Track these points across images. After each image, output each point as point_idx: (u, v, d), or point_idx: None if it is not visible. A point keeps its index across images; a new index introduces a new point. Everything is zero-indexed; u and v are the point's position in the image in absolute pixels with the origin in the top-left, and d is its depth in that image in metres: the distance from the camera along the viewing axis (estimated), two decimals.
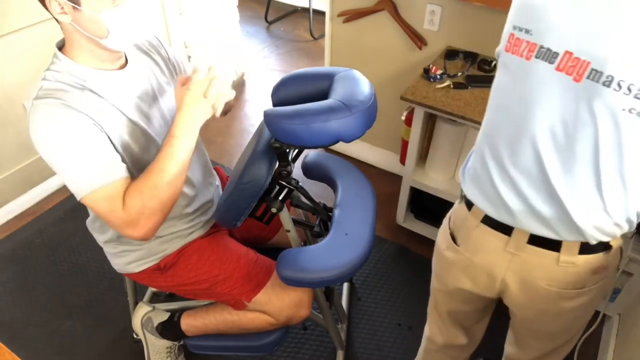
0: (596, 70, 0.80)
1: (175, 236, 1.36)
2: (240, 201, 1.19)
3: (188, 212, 1.36)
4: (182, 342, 1.61)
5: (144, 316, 1.56)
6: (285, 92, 1.25)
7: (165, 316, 1.54)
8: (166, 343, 1.56)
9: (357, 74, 1.21)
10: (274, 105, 1.26)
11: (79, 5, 1.02)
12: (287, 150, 1.19)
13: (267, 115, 1.10)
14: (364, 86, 1.15)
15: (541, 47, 0.87)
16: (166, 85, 1.30)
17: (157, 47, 1.32)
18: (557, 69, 0.85)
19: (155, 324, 1.54)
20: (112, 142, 1.11)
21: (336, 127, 1.08)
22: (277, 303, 1.34)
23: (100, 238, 1.38)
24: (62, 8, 1.02)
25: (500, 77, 0.98)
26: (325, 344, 1.80)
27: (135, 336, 1.80)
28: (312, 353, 1.78)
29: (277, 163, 1.23)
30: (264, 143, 1.22)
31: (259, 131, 1.31)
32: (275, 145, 1.16)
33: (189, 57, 2.88)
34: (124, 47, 1.17)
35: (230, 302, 1.37)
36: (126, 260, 1.36)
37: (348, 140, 1.12)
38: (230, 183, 1.23)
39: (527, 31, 0.89)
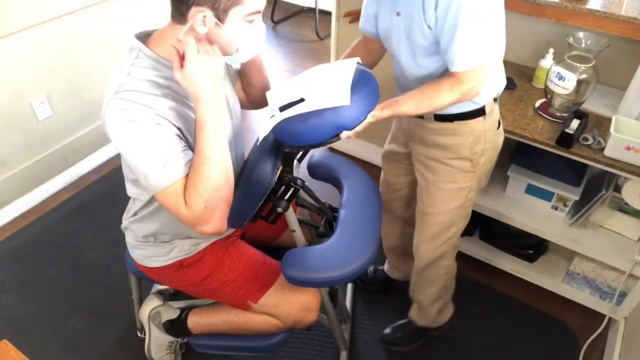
0: None
1: (209, 236, 1.35)
2: (246, 200, 1.19)
3: None
4: (185, 340, 1.61)
5: (153, 309, 1.56)
6: None
7: (175, 314, 1.54)
8: (169, 338, 1.57)
9: None
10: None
11: (222, 23, 1.02)
12: (296, 152, 1.19)
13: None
14: (357, 71, 1.15)
15: None
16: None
17: None
18: None
19: (164, 319, 1.54)
20: (185, 139, 1.09)
21: (333, 117, 1.08)
22: (285, 307, 1.34)
23: (139, 232, 1.33)
24: (204, 21, 1.01)
25: None
26: (329, 344, 1.80)
27: (139, 334, 1.81)
28: (316, 353, 1.77)
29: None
30: (269, 142, 1.22)
31: None
32: (286, 150, 1.17)
33: None
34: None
35: (237, 303, 1.37)
36: (150, 253, 1.34)
37: (350, 126, 1.12)
38: (237, 182, 1.23)
39: None
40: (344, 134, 1.12)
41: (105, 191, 2.49)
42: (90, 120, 2.54)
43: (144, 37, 1.11)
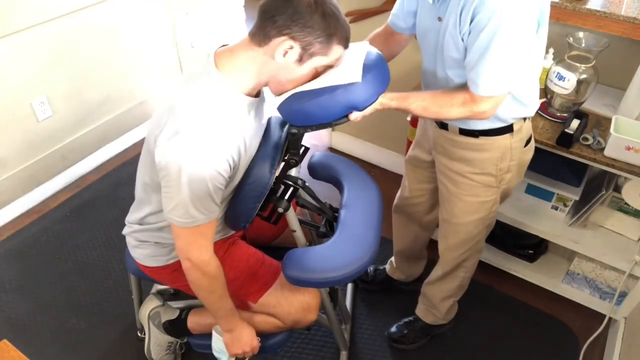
0: None
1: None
2: (246, 202, 1.19)
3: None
4: (185, 340, 1.61)
5: (152, 309, 1.56)
6: None
7: (174, 314, 1.54)
8: (169, 338, 1.57)
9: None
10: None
11: (302, 64, 1.04)
12: (303, 134, 1.18)
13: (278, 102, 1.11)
14: (369, 54, 1.14)
15: None
16: None
17: None
18: None
19: (163, 320, 1.54)
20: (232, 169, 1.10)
21: (344, 96, 1.07)
22: (285, 307, 1.34)
23: (141, 237, 1.35)
24: (286, 53, 1.02)
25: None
26: (329, 344, 1.80)
27: (139, 334, 1.81)
28: (316, 354, 1.78)
29: (283, 163, 1.22)
30: (266, 143, 1.22)
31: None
32: (293, 131, 1.15)
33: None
34: None
35: (237, 303, 1.37)
36: (150, 253, 1.34)
37: (361, 106, 1.11)
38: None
39: None
40: (353, 115, 1.12)
41: (105, 191, 2.49)
42: (90, 120, 2.54)
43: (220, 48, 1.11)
